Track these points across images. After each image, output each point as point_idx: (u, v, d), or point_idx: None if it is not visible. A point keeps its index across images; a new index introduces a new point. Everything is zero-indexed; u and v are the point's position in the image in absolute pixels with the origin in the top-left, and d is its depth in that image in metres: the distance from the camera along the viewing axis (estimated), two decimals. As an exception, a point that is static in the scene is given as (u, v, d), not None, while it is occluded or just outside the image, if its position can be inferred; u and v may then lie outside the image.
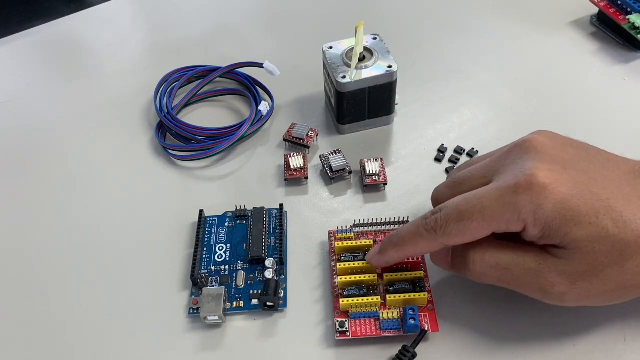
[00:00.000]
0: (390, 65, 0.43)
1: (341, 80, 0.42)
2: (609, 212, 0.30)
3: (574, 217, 0.30)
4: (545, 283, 0.31)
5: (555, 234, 0.30)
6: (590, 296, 0.31)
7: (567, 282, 0.30)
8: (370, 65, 0.43)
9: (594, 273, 0.30)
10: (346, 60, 0.44)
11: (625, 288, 0.31)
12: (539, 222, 0.30)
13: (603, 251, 0.30)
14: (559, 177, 0.30)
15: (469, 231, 0.31)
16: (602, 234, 0.30)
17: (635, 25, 0.50)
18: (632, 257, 0.30)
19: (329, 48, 0.45)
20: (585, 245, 0.30)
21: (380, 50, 0.44)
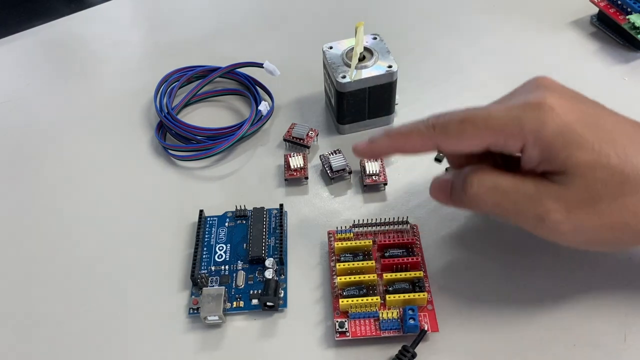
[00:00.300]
0: (390, 65, 0.43)
1: (341, 80, 0.42)
2: (612, 144, 0.30)
3: (577, 141, 0.29)
4: (542, 209, 0.30)
5: (555, 156, 0.30)
6: (586, 230, 0.30)
7: (564, 209, 0.30)
8: (370, 65, 0.43)
9: (591, 203, 0.30)
10: (346, 60, 0.44)
11: (621, 228, 0.30)
12: (539, 141, 0.30)
13: (602, 180, 0.29)
14: (568, 105, 0.30)
15: (468, 135, 0.31)
16: (604, 161, 0.29)
17: (635, 25, 0.50)
18: (630, 194, 0.29)
19: (329, 48, 0.45)
20: (585, 171, 0.29)
21: (380, 50, 0.44)
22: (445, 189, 0.34)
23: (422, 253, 0.38)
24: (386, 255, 0.37)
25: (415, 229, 0.39)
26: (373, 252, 0.38)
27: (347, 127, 0.46)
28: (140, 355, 0.36)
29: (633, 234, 0.31)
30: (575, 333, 0.35)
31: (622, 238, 0.31)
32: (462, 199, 0.33)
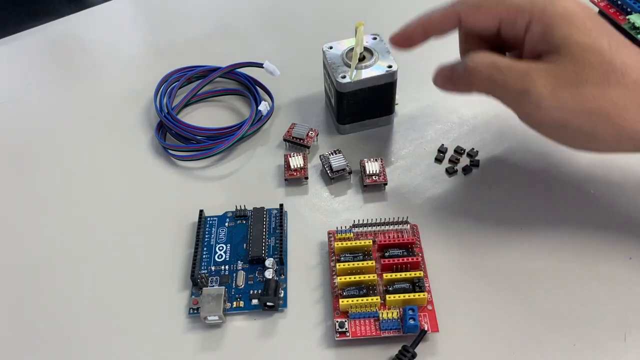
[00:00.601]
0: (390, 65, 0.43)
1: (341, 80, 0.42)
2: (608, 38, 0.32)
3: (577, 25, 0.32)
4: (530, 82, 0.33)
5: (554, 34, 0.33)
6: (566, 110, 0.32)
7: (550, 85, 0.32)
8: (370, 65, 0.43)
9: (577, 84, 0.32)
10: (346, 60, 0.43)
11: (599, 116, 0.32)
12: (545, 17, 0.33)
13: (591, 64, 0.32)
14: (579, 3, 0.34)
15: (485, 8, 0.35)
16: (597, 46, 0.32)
17: (635, 25, 0.50)
18: (615, 85, 0.32)
19: (329, 48, 0.45)
20: (578, 51, 0.32)
21: (380, 50, 0.44)
22: (445, 72, 0.38)
23: (422, 253, 0.38)
24: (386, 255, 0.37)
25: (415, 229, 0.39)
26: (373, 252, 0.38)
27: (347, 127, 0.46)
28: (141, 355, 0.36)
29: (608, 126, 0.32)
30: (575, 333, 0.35)
31: (597, 128, 0.33)
32: (460, 78, 0.36)
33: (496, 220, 0.40)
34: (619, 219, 0.40)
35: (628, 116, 0.32)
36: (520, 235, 0.39)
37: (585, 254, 0.38)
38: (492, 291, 0.37)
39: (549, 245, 0.39)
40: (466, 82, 0.36)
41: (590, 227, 0.39)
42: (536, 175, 0.43)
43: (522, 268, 0.38)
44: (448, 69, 0.38)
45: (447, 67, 0.38)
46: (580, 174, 0.42)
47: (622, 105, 0.32)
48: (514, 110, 0.35)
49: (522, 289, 0.37)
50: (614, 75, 0.32)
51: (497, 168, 0.43)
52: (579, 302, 0.36)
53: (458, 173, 0.44)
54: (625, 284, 0.37)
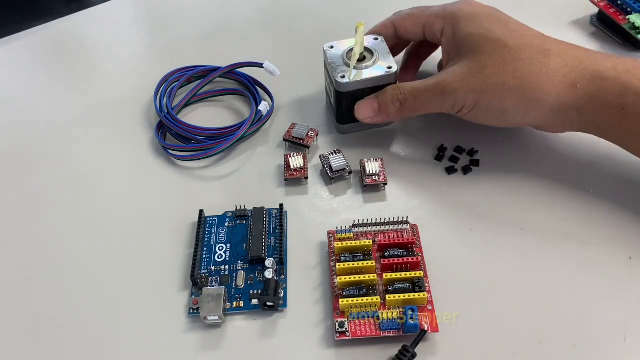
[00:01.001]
0: (390, 66, 0.43)
1: (340, 80, 0.42)
2: (503, 27, 0.40)
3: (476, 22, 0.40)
4: (443, 85, 0.40)
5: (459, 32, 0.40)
6: (475, 90, 0.39)
7: (458, 79, 0.39)
8: (370, 65, 0.43)
9: (479, 69, 0.38)
10: (346, 60, 0.43)
11: (502, 88, 0.38)
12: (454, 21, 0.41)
13: (487, 51, 0.39)
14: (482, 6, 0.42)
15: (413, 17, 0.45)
16: (490, 35, 0.39)
17: (635, 25, 0.50)
18: (511, 61, 0.38)
19: (329, 48, 0.45)
20: (476, 42, 0.39)
21: (380, 50, 0.44)
22: (371, 106, 0.43)
23: (422, 253, 0.38)
24: (386, 255, 0.37)
25: (415, 229, 0.39)
26: (373, 252, 0.38)
27: (347, 127, 0.46)
28: (141, 355, 0.36)
29: (513, 96, 0.38)
30: (575, 333, 0.35)
31: (504, 100, 0.38)
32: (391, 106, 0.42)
33: (496, 220, 0.40)
34: (619, 219, 0.40)
35: (528, 85, 0.38)
36: (520, 235, 0.39)
37: (585, 254, 0.38)
38: (492, 291, 0.37)
39: (549, 245, 0.39)
40: (398, 111, 0.42)
41: (590, 227, 0.39)
42: (536, 175, 0.43)
43: (522, 268, 0.38)
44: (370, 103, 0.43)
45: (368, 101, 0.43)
46: (580, 173, 0.42)
47: (521, 75, 0.38)
48: (443, 111, 0.41)
49: (522, 289, 0.37)
50: (509, 54, 0.38)
51: (497, 168, 0.43)
52: (579, 302, 0.36)
53: (458, 172, 0.44)
54: (625, 284, 0.37)
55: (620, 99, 0.37)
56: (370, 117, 0.43)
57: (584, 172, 0.42)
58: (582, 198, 0.41)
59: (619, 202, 0.40)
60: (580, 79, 0.38)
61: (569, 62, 0.38)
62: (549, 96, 0.38)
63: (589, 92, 0.37)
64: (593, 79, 0.37)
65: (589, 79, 0.37)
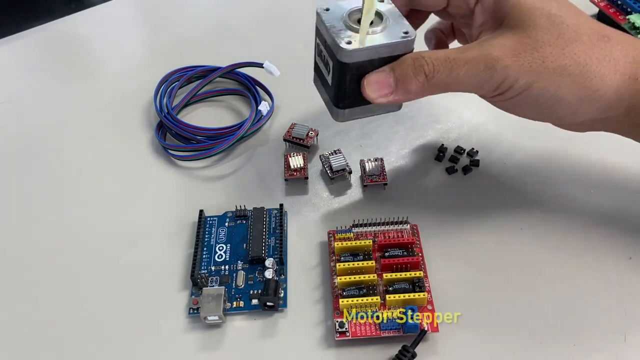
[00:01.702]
0: (406, 32, 0.34)
1: (346, 47, 0.32)
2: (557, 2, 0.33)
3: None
4: (489, 58, 0.32)
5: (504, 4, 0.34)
6: (530, 72, 0.32)
7: (511, 54, 0.32)
8: (379, 30, 0.34)
9: (535, 47, 0.32)
10: (350, 23, 0.34)
11: (562, 72, 0.32)
12: None
13: (544, 26, 0.32)
14: None
15: None
16: (546, 9, 0.33)
17: (635, 25, 0.50)
18: (570, 42, 0.32)
19: (324, 10, 0.35)
20: (529, 16, 0.33)
21: (391, 14, 0.34)
22: (386, 81, 0.33)
23: (422, 253, 0.38)
24: (386, 255, 0.37)
25: (415, 229, 0.39)
26: (373, 252, 0.38)
27: (347, 112, 0.36)
28: (141, 355, 0.35)
29: (571, 85, 0.32)
30: (575, 333, 0.35)
31: (561, 88, 0.32)
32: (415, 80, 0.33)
33: (496, 220, 0.40)
34: (619, 219, 0.40)
35: (590, 73, 0.32)
36: (520, 235, 0.39)
37: (585, 254, 0.38)
38: (492, 291, 0.37)
39: (548, 245, 0.39)
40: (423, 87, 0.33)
41: (590, 227, 0.39)
42: (536, 175, 0.43)
43: (522, 268, 0.38)
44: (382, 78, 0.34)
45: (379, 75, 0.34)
46: (580, 174, 0.42)
47: (583, 61, 0.32)
48: (480, 91, 0.34)
49: (522, 289, 0.37)
50: (568, 33, 0.32)
51: (497, 168, 0.43)
52: (579, 302, 0.36)
53: (458, 173, 0.44)
54: (625, 284, 0.37)
55: None
56: (384, 95, 0.34)
57: (584, 172, 0.42)
58: (582, 198, 0.41)
59: (619, 202, 0.40)
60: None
61: (630, 51, 0.33)
62: (610, 88, 0.33)
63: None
64: None
65: None
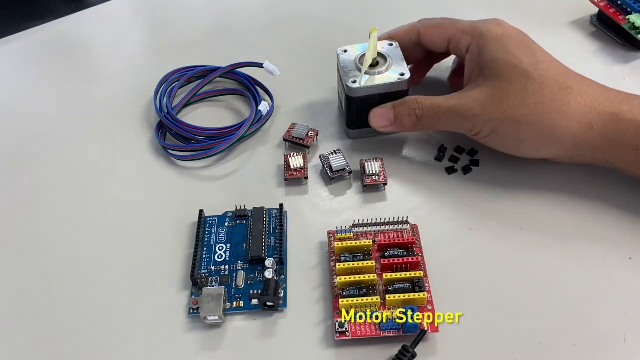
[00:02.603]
0: (402, 73, 0.42)
1: (351, 85, 0.42)
2: (530, 57, 0.39)
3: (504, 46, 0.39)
4: (463, 109, 0.39)
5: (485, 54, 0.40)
6: (495, 119, 0.38)
7: (479, 105, 0.39)
8: (382, 71, 0.43)
9: (501, 98, 0.38)
10: (359, 65, 0.43)
11: (521, 120, 0.38)
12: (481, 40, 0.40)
13: (511, 78, 0.38)
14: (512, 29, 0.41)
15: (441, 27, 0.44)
16: (516, 63, 0.38)
17: (635, 25, 0.50)
18: (533, 93, 0.38)
19: (343, 52, 0.44)
20: (501, 68, 0.39)
21: (394, 57, 0.43)
22: (387, 115, 0.42)
23: (422, 253, 0.38)
24: (386, 255, 0.37)
25: (415, 229, 0.39)
26: (373, 252, 0.38)
27: (357, 132, 0.46)
28: (141, 355, 0.36)
29: (530, 130, 0.38)
30: (575, 333, 0.35)
31: (521, 132, 0.39)
32: (408, 118, 0.42)
33: (496, 220, 0.40)
34: (619, 219, 0.40)
35: (547, 121, 0.38)
36: (520, 235, 0.39)
37: (586, 254, 0.38)
38: (492, 291, 0.37)
39: (548, 245, 0.39)
40: (414, 124, 0.42)
41: (590, 227, 0.39)
42: (536, 175, 0.43)
43: (522, 268, 0.38)
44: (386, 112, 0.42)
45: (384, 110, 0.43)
46: (580, 174, 0.42)
47: (541, 111, 0.38)
48: (458, 131, 0.42)
49: (522, 289, 0.37)
50: (532, 87, 0.38)
51: (497, 168, 0.43)
52: (579, 302, 0.36)
53: (458, 173, 0.44)
54: (625, 284, 0.37)
55: (636, 140, 0.37)
56: (384, 126, 0.43)
57: (584, 172, 0.42)
58: (583, 198, 0.41)
59: (619, 202, 0.40)
60: (597, 120, 0.37)
61: (587, 102, 0.38)
62: (565, 135, 0.38)
63: (604, 133, 0.38)
64: (610, 120, 0.37)
65: (606, 120, 0.37)
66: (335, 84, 0.48)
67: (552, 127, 0.38)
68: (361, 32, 0.44)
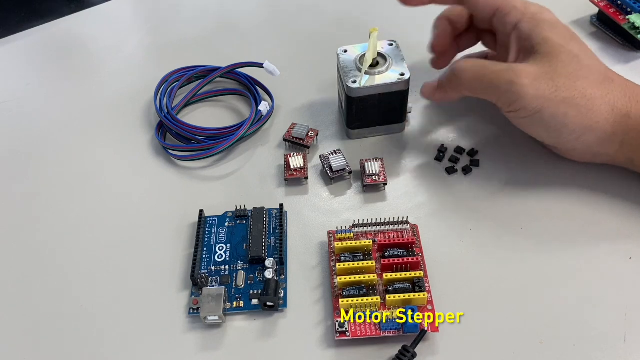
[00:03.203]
0: (402, 73, 0.42)
1: (351, 85, 0.42)
2: (579, 45, 0.39)
3: (557, 31, 0.39)
4: (513, 75, 0.38)
5: (538, 33, 0.39)
6: (543, 97, 0.38)
7: (531, 77, 0.38)
8: (383, 71, 0.43)
9: (552, 76, 0.38)
10: (359, 65, 0.43)
11: (569, 103, 0.38)
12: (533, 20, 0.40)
13: (564, 60, 0.38)
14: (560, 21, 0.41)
15: None
16: (569, 48, 0.39)
17: (635, 25, 0.50)
18: (582, 78, 0.38)
19: (343, 52, 0.44)
20: (553, 49, 0.38)
21: (395, 57, 0.43)
22: (432, 85, 0.43)
23: (422, 253, 0.38)
24: (386, 255, 0.37)
25: (415, 229, 0.39)
26: (373, 252, 0.38)
27: (356, 132, 0.46)
28: (141, 355, 0.36)
29: (577, 113, 0.38)
30: (575, 333, 0.35)
31: (568, 115, 0.38)
32: (448, 83, 0.41)
33: (496, 220, 0.40)
34: (619, 219, 0.40)
35: (594, 107, 0.38)
36: (520, 235, 0.39)
37: (586, 254, 0.38)
38: (492, 291, 0.37)
39: (548, 245, 0.39)
40: (455, 85, 0.41)
41: (590, 227, 0.39)
42: (536, 174, 0.43)
43: (522, 268, 0.38)
44: (434, 82, 0.43)
45: (431, 82, 0.43)
46: (580, 174, 0.42)
47: (590, 96, 0.38)
48: (498, 102, 0.40)
49: (522, 289, 0.37)
50: (581, 71, 0.38)
51: (497, 168, 0.43)
52: (579, 302, 0.36)
53: (458, 172, 0.44)
54: (625, 284, 0.37)
55: None
56: (430, 94, 0.43)
57: (584, 172, 0.42)
58: (583, 198, 0.41)
59: (619, 202, 0.40)
60: (635, 111, 0.38)
61: (627, 93, 0.39)
62: (607, 122, 0.38)
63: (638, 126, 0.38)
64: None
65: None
66: (335, 84, 0.48)
67: (596, 113, 0.38)
68: (361, 32, 0.44)
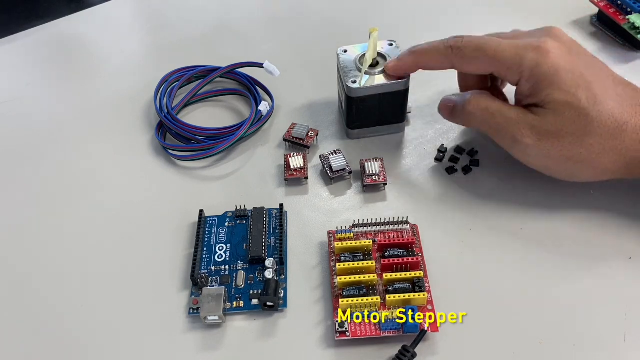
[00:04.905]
0: None
1: (351, 85, 0.42)
2: (587, 91, 0.36)
3: (558, 84, 0.36)
4: (518, 132, 0.37)
5: (540, 92, 0.37)
6: (549, 157, 0.37)
7: (535, 136, 0.37)
8: (383, 71, 0.42)
9: (558, 136, 0.36)
10: (359, 65, 0.43)
11: (577, 160, 0.37)
12: (532, 78, 0.37)
13: (570, 118, 0.36)
14: (562, 53, 0.37)
15: (478, 62, 0.39)
16: (575, 103, 0.36)
17: (635, 25, 0.50)
18: (590, 134, 0.36)
19: (343, 52, 0.44)
20: (558, 108, 0.36)
21: (394, 56, 0.43)
22: (449, 106, 0.42)
23: (422, 253, 0.38)
24: (386, 255, 0.37)
25: (415, 229, 0.39)
26: (373, 252, 0.38)
27: (356, 132, 0.46)
28: (141, 355, 0.36)
29: (584, 168, 0.38)
30: (575, 333, 0.35)
31: (575, 170, 0.38)
32: (460, 115, 0.41)
33: (496, 220, 0.40)
34: (619, 219, 0.40)
35: (602, 160, 0.37)
36: (520, 235, 0.39)
37: (585, 254, 0.38)
38: (492, 291, 0.37)
39: (548, 245, 0.39)
40: (465, 121, 0.41)
41: (590, 227, 0.39)
42: (536, 175, 0.42)
43: (521, 268, 0.38)
44: (451, 104, 0.42)
45: (450, 101, 0.42)
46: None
47: (597, 150, 0.36)
48: (505, 148, 0.39)
49: (521, 289, 0.37)
50: (589, 126, 0.36)
51: (497, 168, 0.43)
52: (579, 302, 0.36)
53: (458, 173, 0.44)
54: (625, 284, 0.37)
55: None
56: (446, 116, 0.42)
57: (584, 172, 0.42)
58: (583, 198, 0.41)
59: (619, 203, 0.40)
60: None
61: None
62: (618, 169, 0.37)
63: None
64: None
65: None
66: (335, 84, 0.48)
67: (606, 164, 0.37)
68: (361, 32, 0.44)
